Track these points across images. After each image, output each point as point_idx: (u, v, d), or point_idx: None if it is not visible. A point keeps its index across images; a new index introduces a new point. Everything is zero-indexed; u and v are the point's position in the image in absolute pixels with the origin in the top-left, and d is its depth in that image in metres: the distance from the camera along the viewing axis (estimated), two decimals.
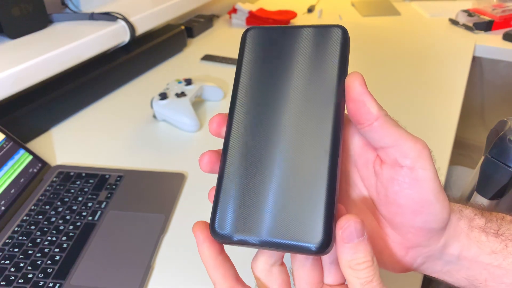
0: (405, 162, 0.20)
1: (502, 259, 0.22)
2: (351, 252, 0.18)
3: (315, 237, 0.18)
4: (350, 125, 0.23)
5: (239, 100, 0.21)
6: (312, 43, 0.21)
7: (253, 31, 0.22)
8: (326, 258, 0.21)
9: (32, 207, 0.46)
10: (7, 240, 0.42)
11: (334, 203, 0.18)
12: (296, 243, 0.18)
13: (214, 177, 0.21)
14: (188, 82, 0.64)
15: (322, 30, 0.21)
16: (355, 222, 0.18)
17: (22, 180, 0.47)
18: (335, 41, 0.21)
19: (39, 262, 0.39)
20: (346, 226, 0.18)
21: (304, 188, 0.18)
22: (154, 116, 0.63)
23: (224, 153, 0.20)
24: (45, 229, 0.43)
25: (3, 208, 0.44)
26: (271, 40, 0.22)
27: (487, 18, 0.96)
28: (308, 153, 0.19)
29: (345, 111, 0.21)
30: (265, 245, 0.18)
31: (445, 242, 0.22)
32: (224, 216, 0.19)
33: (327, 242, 0.18)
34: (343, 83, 0.20)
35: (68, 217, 0.44)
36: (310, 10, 1.12)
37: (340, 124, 0.20)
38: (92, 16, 0.71)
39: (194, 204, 0.47)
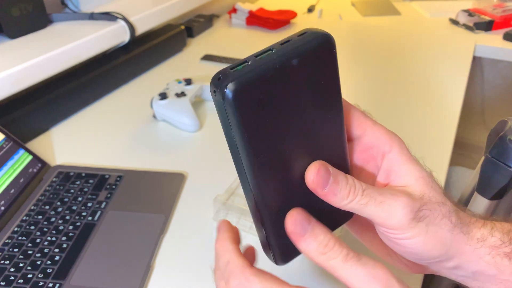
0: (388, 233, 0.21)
1: None
2: (312, 241, 0.19)
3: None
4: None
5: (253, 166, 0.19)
6: (299, 68, 0.18)
7: (231, 90, 0.17)
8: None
9: (32, 207, 0.45)
10: (7, 240, 0.41)
11: None
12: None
13: (213, 177, 0.21)
14: (188, 82, 0.64)
15: (300, 47, 0.18)
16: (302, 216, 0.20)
17: (21, 180, 0.47)
18: (319, 55, 0.18)
19: (38, 262, 0.39)
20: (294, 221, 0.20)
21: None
22: (154, 116, 0.63)
23: (257, 206, 0.21)
24: (45, 229, 0.43)
25: (2, 208, 0.44)
26: (256, 88, 0.17)
27: (487, 18, 0.96)
28: None
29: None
30: None
31: (457, 265, 0.22)
32: (279, 250, 0.22)
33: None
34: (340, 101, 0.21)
35: (67, 217, 0.44)
36: (310, 10, 1.12)
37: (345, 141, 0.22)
38: (92, 16, 0.71)
39: (194, 204, 0.47)
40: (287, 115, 0.19)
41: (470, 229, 0.22)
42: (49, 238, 0.42)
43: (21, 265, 0.39)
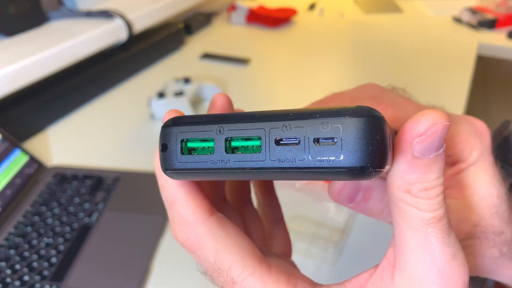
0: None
1: None
2: (420, 171, 0.12)
3: None
4: None
5: None
6: None
7: None
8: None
9: (29, 209, 0.45)
10: (3, 242, 0.41)
11: None
12: None
13: None
14: (187, 81, 0.63)
15: None
16: (443, 127, 0.11)
17: (18, 181, 0.47)
18: None
19: (35, 264, 0.39)
20: (431, 133, 0.11)
21: None
22: (152, 116, 0.62)
23: None
24: (42, 231, 0.42)
25: None
26: None
27: (491, 16, 0.95)
28: None
29: None
30: None
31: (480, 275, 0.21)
32: None
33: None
34: None
35: (64, 219, 0.44)
36: (312, 7, 1.11)
37: None
38: (89, 14, 0.70)
39: None
40: None
41: None
42: (45, 240, 0.41)
43: (17, 267, 0.38)
